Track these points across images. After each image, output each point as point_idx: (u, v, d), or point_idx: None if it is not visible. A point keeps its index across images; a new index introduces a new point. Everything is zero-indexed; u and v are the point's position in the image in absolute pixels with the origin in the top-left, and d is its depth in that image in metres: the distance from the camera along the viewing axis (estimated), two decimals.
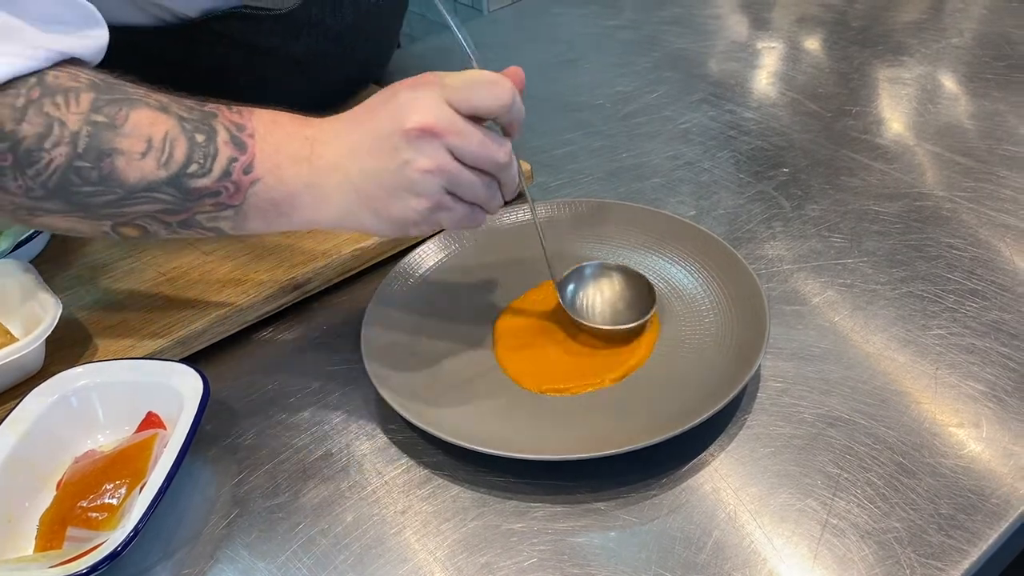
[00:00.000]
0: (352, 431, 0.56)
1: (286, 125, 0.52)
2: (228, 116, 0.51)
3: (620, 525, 0.49)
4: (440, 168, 0.49)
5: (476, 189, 0.51)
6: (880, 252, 0.66)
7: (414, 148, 0.49)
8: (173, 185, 0.49)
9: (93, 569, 0.44)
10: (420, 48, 1.10)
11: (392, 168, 0.49)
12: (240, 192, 0.50)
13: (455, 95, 0.49)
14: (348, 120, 0.52)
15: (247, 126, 0.51)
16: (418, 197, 0.50)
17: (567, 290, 0.61)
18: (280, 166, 0.50)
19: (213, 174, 0.49)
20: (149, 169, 0.49)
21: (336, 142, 0.51)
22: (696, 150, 0.81)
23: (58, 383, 0.54)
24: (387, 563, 0.48)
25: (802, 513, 0.48)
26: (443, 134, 0.49)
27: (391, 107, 0.50)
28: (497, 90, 0.50)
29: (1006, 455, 0.50)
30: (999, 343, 0.57)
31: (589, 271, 0.62)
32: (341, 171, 0.50)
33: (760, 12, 1.10)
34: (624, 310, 0.60)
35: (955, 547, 0.46)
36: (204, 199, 0.50)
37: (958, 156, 0.77)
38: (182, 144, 0.49)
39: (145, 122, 0.49)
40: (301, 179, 0.51)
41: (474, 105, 0.49)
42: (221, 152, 0.50)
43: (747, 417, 0.54)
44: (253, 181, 0.50)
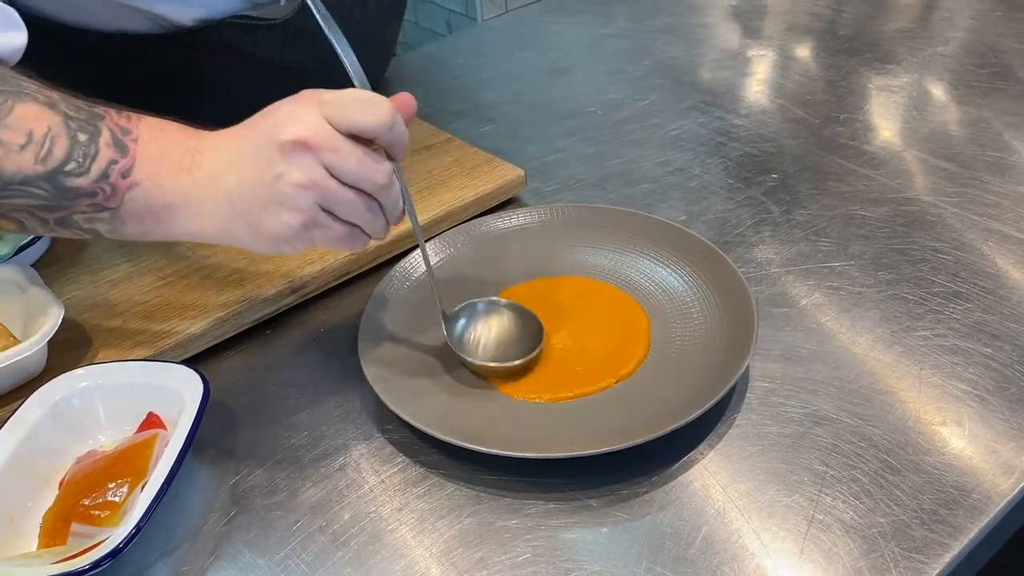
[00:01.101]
0: (349, 431, 0.57)
1: (172, 134, 0.52)
2: (115, 119, 0.51)
3: (612, 521, 0.50)
4: (313, 183, 0.48)
5: (353, 208, 0.50)
6: (866, 255, 0.68)
7: (288, 161, 0.48)
8: (49, 181, 0.49)
9: (96, 565, 0.45)
10: (415, 56, 1.12)
11: (266, 181, 0.49)
12: (117, 196, 0.50)
13: (333, 111, 0.49)
14: (230, 133, 0.52)
15: (132, 130, 0.51)
16: (291, 212, 0.49)
17: (456, 325, 0.61)
18: (159, 173, 0.50)
19: (91, 175, 0.49)
20: (26, 163, 0.49)
21: (216, 154, 0.51)
22: (686, 156, 0.83)
23: (60, 385, 0.55)
24: (384, 559, 0.49)
25: (789, 509, 0.49)
26: (318, 149, 0.48)
27: (269, 120, 0.50)
28: (376, 109, 0.49)
29: (988, 452, 0.52)
30: (982, 344, 0.59)
31: (481, 307, 0.62)
32: (218, 183, 0.50)
33: (750, 21, 1.12)
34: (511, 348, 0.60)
35: (938, 541, 0.47)
36: (80, 199, 0.50)
37: (943, 162, 0.79)
38: (63, 141, 0.49)
39: (29, 116, 0.49)
40: (179, 189, 0.50)
41: (351, 123, 0.49)
42: (102, 153, 0.50)
43: (736, 416, 0.55)
44: (131, 186, 0.50)
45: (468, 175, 0.75)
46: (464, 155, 0.78)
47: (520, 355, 0.59)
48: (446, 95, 0.97)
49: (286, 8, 0.73)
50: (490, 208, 0.74)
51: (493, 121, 0.91)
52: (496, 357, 0.60)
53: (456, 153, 0.79)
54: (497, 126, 0.90)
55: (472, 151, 0.79)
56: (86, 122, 0.50)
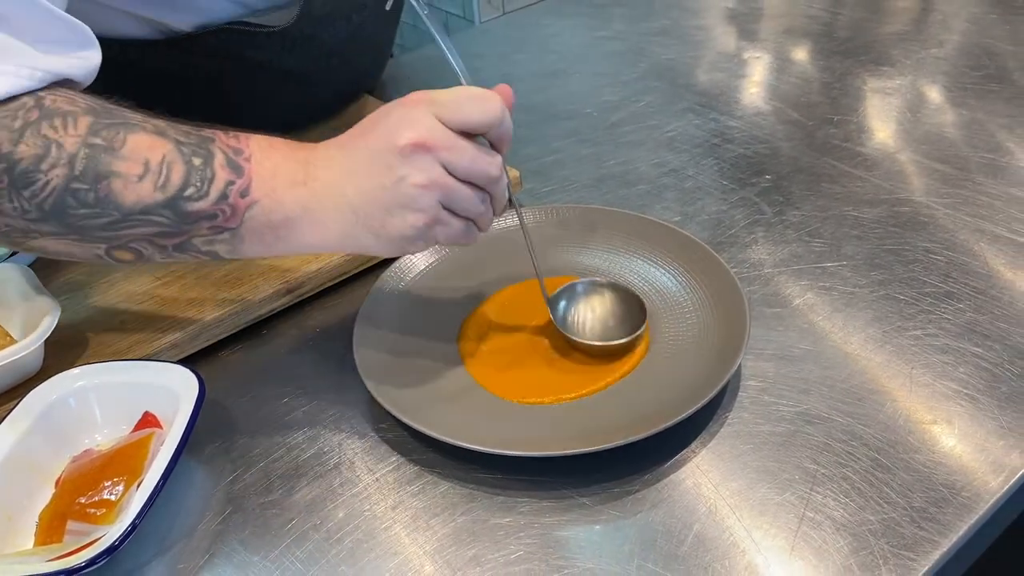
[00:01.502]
0: (344, 430, 0.57)
1: (282, 149, 0.52)
2: (225, 140, 0.51)
3: (604, 519, 0.50)
4: (435, 182, 0.50)
5: (470, 203, 0.52)
6: (859, 256, 0.68)
7: (409, 164, 0.49)
8: (170, 208, 0.50)
9: (91, 563, 0.45)
10: (412, 58, 1.12)
11: (388, 185, 0.50)
12: (237, 215, 0.51)
13: (446, 111, 0.50)
14: (342, 143, 0.52)
15: (244, 150, 0.51)
16: (415, 213, 0.50)
17: (559, 307, 0.62)
18: (277, 189, 0.51)
19: (210, 197, 0.50)
20: (146, 192, 0.49)
21: (331, 164, 0.52)
22: (681, 158, 0.83)
23: (57, 384, 0.55)
24: (378, 557, 0.49)
25: (780, 507, 0.50)
26: (436, 149, 0.49)
27: (384, 126, 0.51)
28: (487, 105, 0.51)
29: (977, 451, 0.52)
30: (972, 344, 0.59)
31: (581, 288, 0.63)
32: (337, 192, 0.51)
33: (746, 23, 1.13)
34: (615, 326, 0.61)
35: (927, 539, 0.47)
36: (200, 222, 0.50)
37: (936, 163, 0.79)
38: (179, 167, 0.49)
39: (143, 145, 0.49)
40: (298, 202, 0.51)
41: (465, 120, 0.50)
42: (218, 175, 0.50)
43: (728, 415, 0.56)
44: (250, 204, 0.50)
45: None
46: None
47: (625, 333, 0.60)
48: None
49: (285, 16, 0.73)
50: None
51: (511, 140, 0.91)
52: (602, 336, 0.61)
53: None
54: None
55: None
56: (198, 146, 0.50)
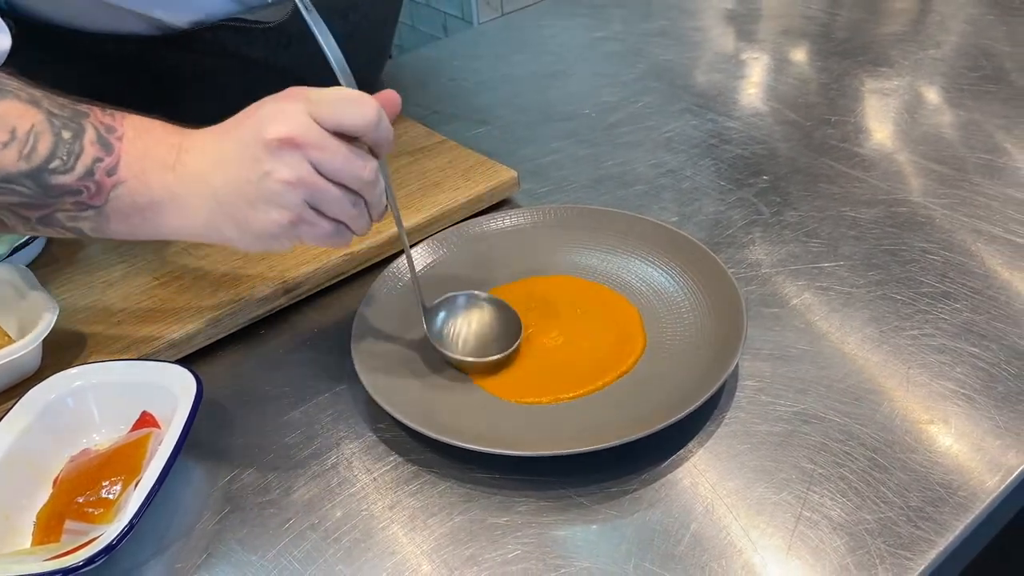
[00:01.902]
0: (341, 429, 0.57)
1: (157, 132, 0.52)
2: (99, 117, 0.51)
3: (601, 519, 0.50)
4: (301, 180, 0.49)
5: (340, 205, 0.51)
6: (856, 256, 0.68)
7: (275, 159, 0.48)
8: (32, 179, 0.49)
9: (89, 562, 0.45)
10: (410, 58, 1.12)
11: (253, 179, 0.49)
12: (102, 193, 0.50)
13: (320, 109, 0.49)
14: (216, 132, 0.52)
15: (117, 128, 0.51)
16: (279, 209, 0.49)
17: (436, 319, 0.61)
18: (145, 171, 0.50)
19: (75, 172, 0.49)
20: (9, 160, 0.48)
21: (202, 152, 0.51)
22: (679, 158, 0.83)
23: (55, 383, 0.55)
24: (375, 556, 0.49)
25: (777, 506, 0.50)
26: (305, 146, 0.48)
27: (255, 118, 0.50)
28: (362, 108, 0.50)
29: (974, 450, 0.52)
30: (969, 344, 0.59)
31: (461, 301, 0.62)
32: (204, 181, 0.50)
33: (745, 24, 1.13)
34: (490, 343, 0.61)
35: (924, 538, 0.47)
36: (64, 196, 0.50)
37: (934, 164, 0.80)
38: (47, 139, 0.49)
39: (13, 113, 0.49)
40: (165, 186, 0.50)
41: (338, 121, 0.49)
42: (86, 151, 0.49)
43: (725, 415, 0.56)
44: (116, 184, 0.50)
45: (462, 176, 0.76)
46: (458, 157, 0.79)
47: (499, 350, 0.59)
48: (441, 98, 0.97)
49: (280, 12, 0.73)
50: (483, 209, 0.75)
51: (488, 123, 0.91)
52: (475, 352, 0.60)
53: (450, 155, 0.79)
54: (492, 128, 0.90)
55: (466, 153, 0.79)
56: (70, 120, 0.50)
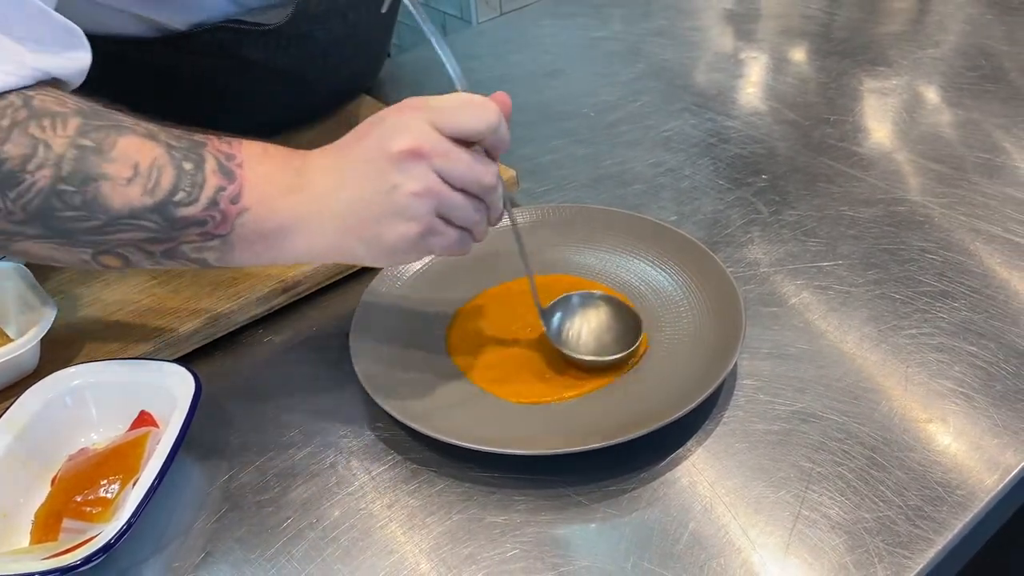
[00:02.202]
0: (340, 428, 0.57)
1: (275, 156, 0.51)
2: (217, 146, 0.50)
3: (600, 517, 0.50)
4: (429, 190, 0.49)
5: (466, 212, 0.51)
6: (855, 255, 0.68)
7: (402, 172, 0.48)
8: (158, 212, 0.48)
9: (87, 561, 0.45)
10: (409, 58, 1.12)
11: (381, 193, 0.49)
12: (227, 222, 0.49)
13: (441, 118, 0.49)
14: (336, 150, 0.51)
15: (236, 155, 0.50)
16: (408, 222, 0.49)
17: (553, 319, 0.61)
18: (269, 196, 0.50)
19: (200, 203, 0.48)
20: (134, 196, 0.48)
21: (324, 172, 0.50)
22: (678, 157, 0.83)
23: (53, 383, 0.55)
24: (374, 555, 0.49)
25: (776, 505, 0.50)
26: (431, 156, 0.48)
27: (377, 133, 0.50)
28: (483, 112, 0.50)
29: (972, 449, 0.52)
30: (967, 342, 0.59)
31: (576, 300, 0.62)
32: (330, 200, 0.50)
33: (744, 24, 1.13)
34: (610, 342, 0.60)
35: (922, 537, 0.47)
36: (190, 228, 0.49)
37: (932, 163, 0.80)
38: (169, 171, 0.48)
39: (132, 148, 0.48)
40: (290, 210, 0.50)
41: (460, 128, 0.49)
42: (209, 181, 0.49)
43: (724, 414, 0.56)
44: (241, 211, 0.49)
45: None
46: None
47: (620, 349, 0.59)
48: None
49: (279, 15, 0.73)
50: None
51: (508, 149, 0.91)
52: (595, 351, 0.60)
53: None
54: None
55: None
56: (189, 151, 0.49)
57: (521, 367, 0.60)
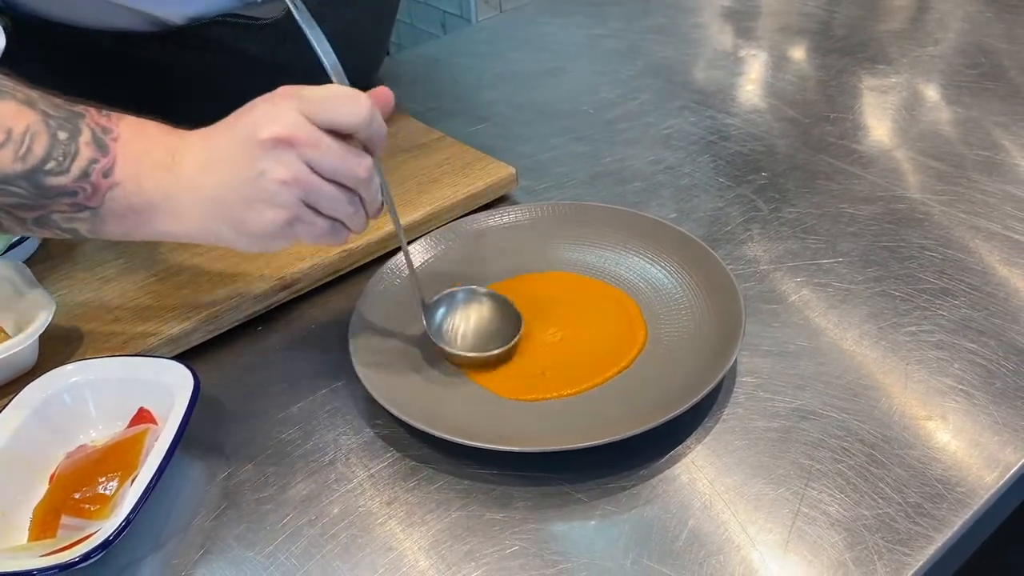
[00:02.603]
0: (339, 426, 0.57)
1: (152, 133, 0.52)
2: (95, 118, 0.50)
3: (599, 515, 0.50)
4: (296, 179, 0.49)
5: (336, 203, 0.51)
6: (855, 253, 0.68)
7: (270, 158, 0.48)
8: (28, 180, 0.49)
9: (86, 558, 0.45)
10: (408, 56, 1.12)
11: (248, 179, 0.49)
12: (98, 195, 0.50)
13: (312, 108, 0.49)
14: (209, 132, 0.52)
15: (113, 130, 0.50)
16: (275, 209, 0.49)
17: (436, 315, 0.61)
18: (140, 173, 0.50)
19: (71, 173, 0.49)
20: (5, 161, 0.48)
21: (196, 153, 0.51)
22: (677, 155, 0.83)
23: (51, 380, 0.55)
24: (373, 552, 0.49)
25: (775, 502, 0.50)
26: (299, 145, 0.48)
27: (248, 119, 0.50)
28: (354, 105, 0.50)
29: (972, 446, 0.52)
30: (967, 340, 0.59)
31: (461, 296, 0.63)
32: (199, 182, 0.50)
33: (743, 21, 1.13)
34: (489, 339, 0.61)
35: (922, 534, 0.47)
36: (60, 198, 0.49)
37: (932, 161, 0.79)
38: (43, 139, 0.49)
39: (8, 114, 0.48)
40: (160, 188, 0.50)
41: (331, 119, 0.49)
42: (82, 152, 0.49)
43: (723, 411, 0.56)
44: (112, 185, 0.50)
45: (460, 173, 0.76)
46: (456, 153, 0.79)
47: (498, 345, 0.59)
48: (439, 95, 0.97)
49: (277, 8, 0.73)
50: (482, 206, 0.74)
51: (486, 120, 0.91)
52: (474, 347, 0.60)
53: (448, 151, 0.79)
54: (490, 125, 0.90)
55: (464, 149, 0.79)
56: (66, 120, 0.50)
57: (520, 364, 0.60)
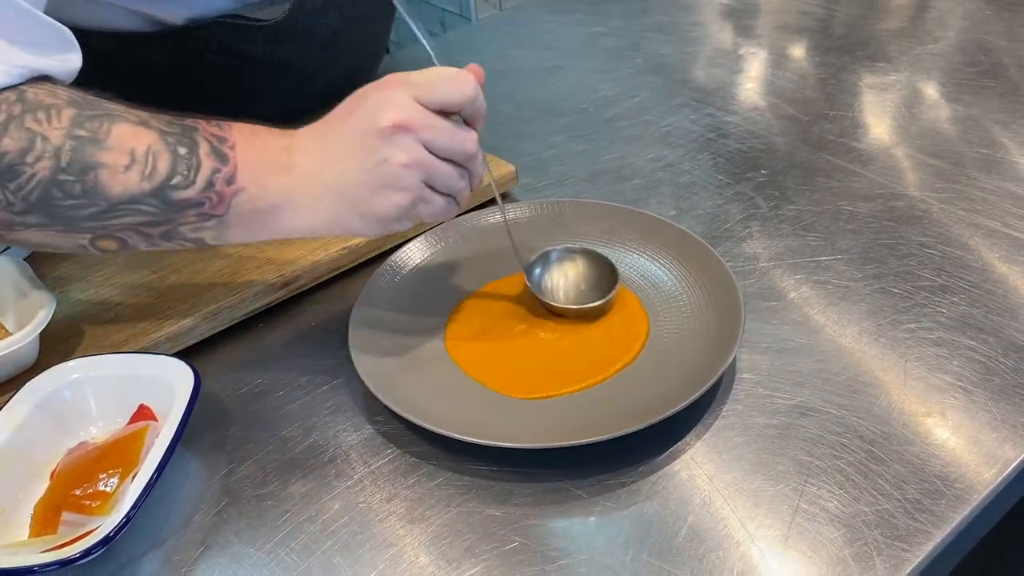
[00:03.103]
0: (339, 422, 0.57)
1: (264, 136, 0.53)
2: (208, 129, 0.52)
3: (599, 511, 0.50)
4: (417, 161, 0.51)
5: (451, 179, 0.53)
6: (854, 250, 0.68)
7: (391, 145, 0.51)
8: (157, 197, 0.50)
9: (86, 554, 0.45)
10: (408, 54, 1.12)
11: (371, 167, 0.51)
12: (223, 203, 0.52)
13: (422, 91, 0.51)
14: (322, 128, 0.53)
15: (228, 138, 0.52)
16: (399, 192, 0.52)
17: (534, 274, 0.64)
18: (261, 176, 0.52)
19: (197, 185, 0.51)
20: (133, 181, 0.50)
21: (313, 150, 0.53)
22: (677, 152, 0.83)
23: (52, 376, 0.55)
24: (373, 548, 0.49)
25: (775, 498, 0.50)
26: (416, 129, 0.51)
27: (363, 109, 0.52)
28: (461, 84, 0.52)
29: (971, 443, 0.52)
30: (966, 336, 0.59)
31: (554, 256, 0.65)
32: (321, 177, 0.52)
33: (743, 20, 1.13)
34: (588, 291, 0.64)
35: (921, 530, 0.47)
36: (188, 210, 0.51)
37: (931, 158, 0.80)
38: (165, 156, 0.50)
39: (128, 136, 0.50)
40: (282, 189, 0.52)
41: (441, 99, 0.52)
42: (204, 164, 0.51)
43: (723, 408, 0.56)
44: (236, 192, 0.52)
45: None
46: None
47: (597, 297, 0.62)
48: None
49: (278, 11, 0.73)
50: (481, 203, 0.74)
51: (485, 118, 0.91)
52: (575, 300, 0.63)
53: None
54: (489, 123, 0.89)
55: None
56: (182, 135, 0.51)
57: (520, 361, 0.60)
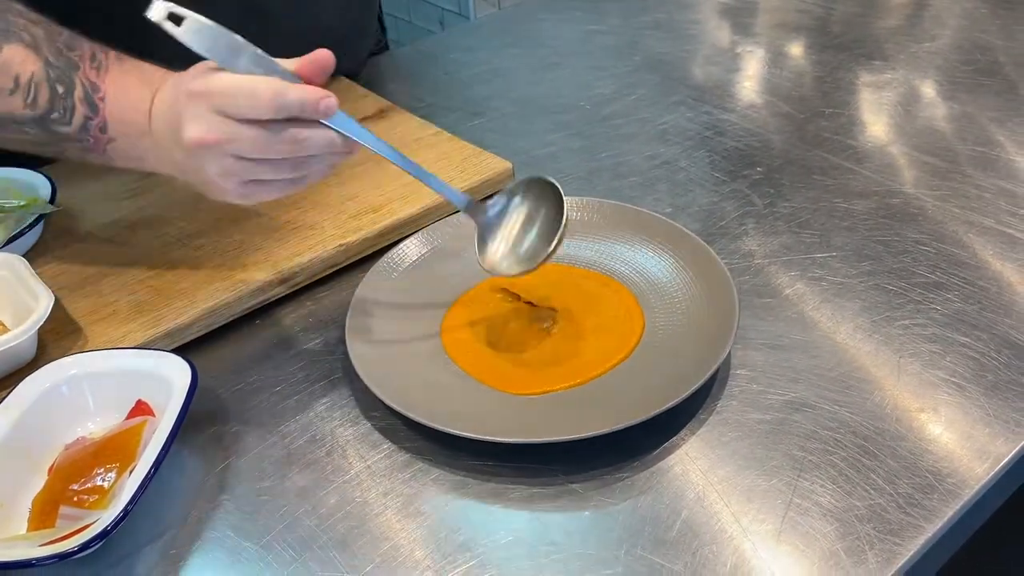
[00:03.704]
0: (336, 418, 0.58)
1: (132, 90, 0.55)
2: (87, 72, 0.54)
3: (593, 505, 0.51)
4: (227, 171, 0.52)
5: (278, 173, 0.53)
6: (849, 247, 0.69)
7: (198, 158, 0.52)
8: (39, 126, 0.54)
9: (84, 547, 0.45)
10: (406, 52, 1.12)
11: (191, 171, 0.54)
12: (99, 146, 0.55)
13: (223, 103, 0.50)
14: (163, 107, 0.54)
15: (100, 88, 0.54)
16: (224, 192, 0.54)
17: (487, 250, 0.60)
18: (129, 135, 0.55)
19: (73, 125, 0.54)
20: (16, 106, 0.53)
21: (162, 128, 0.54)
22: (673, 150, 0.83)
23: (50, 372, 0.56)
24: (369, 542, 0.50)
25: (768, 493, 0.50)
26: (218, 143, 0.51)
27: (173, 117, 0.52)
28: (254, 101, 0.50)
29: (963, 438, 0.53)
30: (960, 333, 0.60)
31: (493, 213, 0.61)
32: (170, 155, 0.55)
33: (740, 18, 1.13)
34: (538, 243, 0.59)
35: (913, 524, 0.48)
36: (69, 143, 0.55)
37: (927, 156, 0.80)
38: (45, 90, 0.53)
39: (16, 59, 0.53)
40: (147, 149, 0.56)
41: (241, 115, 0.50)
42: (77, 109, 0.54)
43: (717, 404, 0.56)
44: (109, 140, 0.55)
45: (456, 168, 0.76)
46: (453, 148, 0.79)
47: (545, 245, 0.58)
48: (436, 90, 0.97)
49: None
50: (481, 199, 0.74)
51: (483, 116, 0.91)
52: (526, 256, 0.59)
53: (445, 146, 0.79)
54: (487, 120, 0.91)
55: (461, 144, 0.79)
56: (63, 72, 0.53)
57: (515, 357, 0.60)
